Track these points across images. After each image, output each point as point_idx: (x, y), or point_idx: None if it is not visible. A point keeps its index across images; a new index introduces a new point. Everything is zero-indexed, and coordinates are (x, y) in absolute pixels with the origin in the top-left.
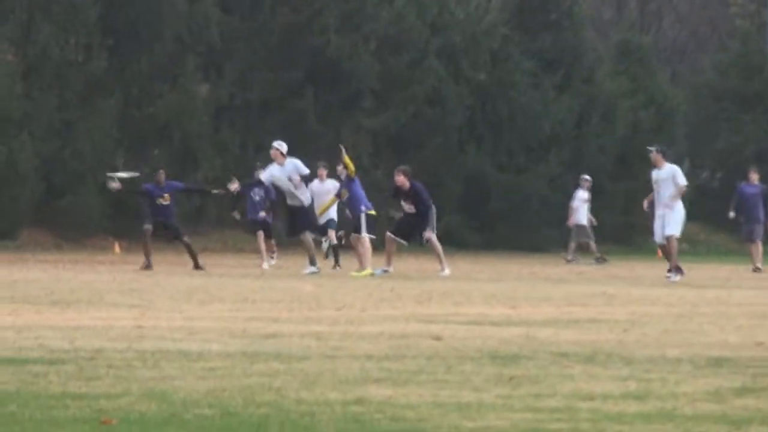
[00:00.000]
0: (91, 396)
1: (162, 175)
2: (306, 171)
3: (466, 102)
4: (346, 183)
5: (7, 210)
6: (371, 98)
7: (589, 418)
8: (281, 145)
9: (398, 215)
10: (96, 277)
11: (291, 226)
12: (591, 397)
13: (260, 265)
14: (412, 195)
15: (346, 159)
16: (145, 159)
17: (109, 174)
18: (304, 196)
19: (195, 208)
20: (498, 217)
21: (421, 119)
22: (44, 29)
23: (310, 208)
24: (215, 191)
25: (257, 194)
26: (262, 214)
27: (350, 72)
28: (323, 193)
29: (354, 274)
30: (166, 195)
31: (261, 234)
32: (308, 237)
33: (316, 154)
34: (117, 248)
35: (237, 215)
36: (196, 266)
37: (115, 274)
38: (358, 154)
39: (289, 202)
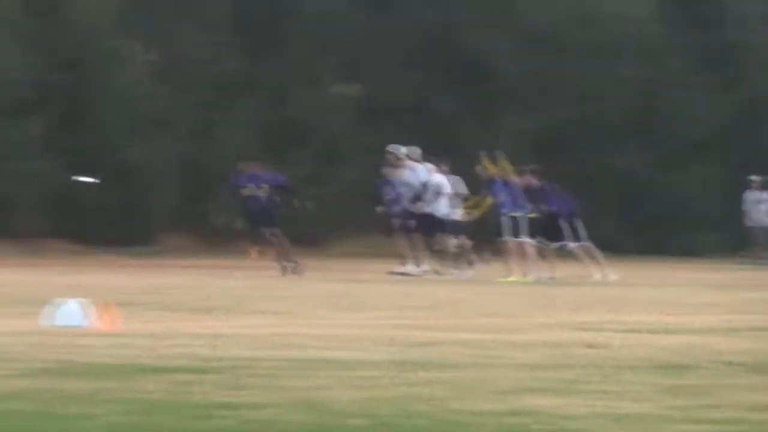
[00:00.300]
0: (235, 406)
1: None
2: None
3: (618, 100)
4: (491, 185)
5: (145, 214)
6: (516, 98)
7: (758, 430)
8: (397, 149)
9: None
10: (235, 283)
11: (429, 230)
12: (758, 408)
13: (405, 269)
14: (542, 196)
15: (486, 163)
16: (284, 161)
17: (74, 177)
18: (435, 203)
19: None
20: (653, 220)
21: (568, 119)
22: (180, 27)
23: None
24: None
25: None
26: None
27: (494, 70)
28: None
29: (502, 279)
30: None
31: (406, 234)
32: (447, 241)
33: (459, 155)
34: (254, 254)
35: (381, 209)
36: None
37: (255, 280)
38: (503, 155)
39: (418, 207)
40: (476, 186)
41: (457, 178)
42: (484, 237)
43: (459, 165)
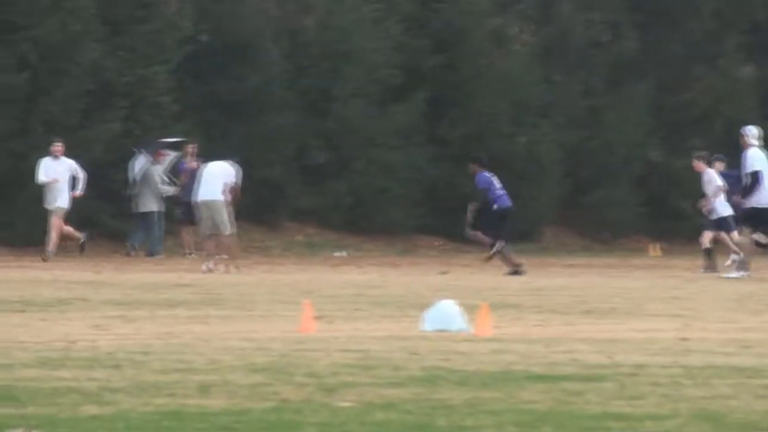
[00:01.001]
0: (634, 417)
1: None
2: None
3: None
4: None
5: (528, 207)
6: None
7: None
8: (748, 131)
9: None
10: (632, 284)
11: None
12: None
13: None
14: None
15: None
16: (682, 149)
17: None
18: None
19: None
20: None
21: None
22: (566, 6)
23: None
24: None
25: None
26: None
27: None
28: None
29: None
30: None
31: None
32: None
33: None
34: (655, 250)
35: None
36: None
37: (654, 280)
38: None
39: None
40: None
41: None
42: None
43: None
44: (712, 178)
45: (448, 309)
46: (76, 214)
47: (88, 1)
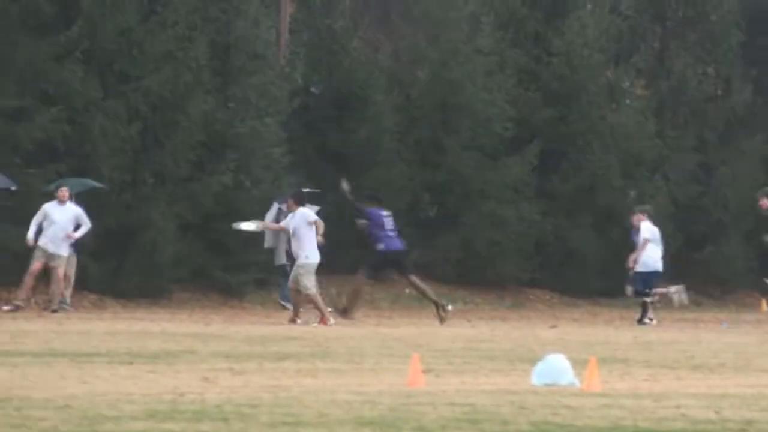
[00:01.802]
0: None
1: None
2: None
3: None
4: None
5: None
6: None
7: None
8: None
9: None
10: (742, 339)
11: None
12: None
13: None
14: None
15: None
16: None
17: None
18: None
19: None
20: None
21: None
22: (680, 60)
23: None
24: None
25: None
26: None
27: None
28: None
29: None
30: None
31: None
32: None
33: None
34: (765, 306)
35: None
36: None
37: (764, 336)
38: None
39: None
40: None
41: None
42: None
43: None
44: None
45: (557, 363)
46: (186, 267)
47: (200, 53)
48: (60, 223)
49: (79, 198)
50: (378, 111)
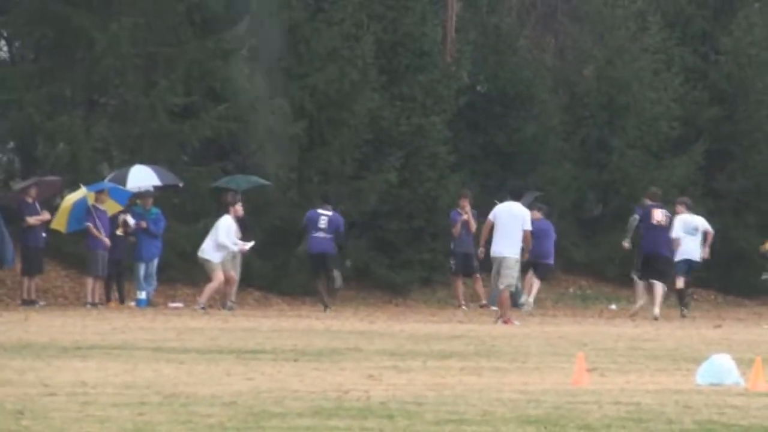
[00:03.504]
0: None
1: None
2: None
3: None
4: None
5: None
6: None
7: None
8: None
9: None
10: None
11: None
12: None
13: None
14: None
15: None
16: None
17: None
18: None
19: None
20: None
21: None
22: None
23: None
24: None
25: None
26: None
27: None
28: None
29: None
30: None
31: None
32: None
33: None
34: None
35: None
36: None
37: None
38: None
39: None
40: None
41: None
42: None
43: None
44: None
45: (722, 363)
46: (351, 265)
47: (366, 50)
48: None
49: (245, 195)
50: (543, 110)
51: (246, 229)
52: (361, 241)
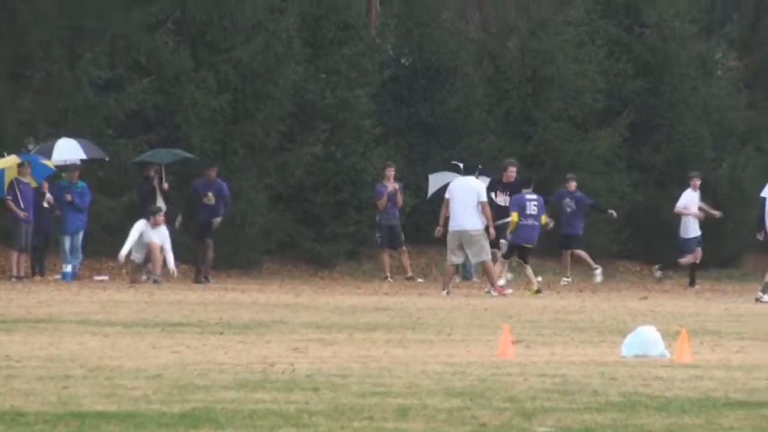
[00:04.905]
0: None
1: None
2: None
3: None
4: None
5: (730, 233)
6: None
7: None
8: None
9: None
10: None
11: None
12: None
13: None
14: None
15: None
16: None
17: None
18: None
19: None
20: None
21: None
22: None
23: None
24: None
25: None
26: None
27: None
28: None
29: None
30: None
31: None
32: None
33: None
34: None
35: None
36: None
37: None
38: None
39: None
40: None
41: None
42: None
43: None
44: None
45: (647, 335)
46: (276, 238)
47: (290, 23)
48: None
49: (169, 169)
50: (468, 82)
51: (170, 202)
52: (286, 215)
